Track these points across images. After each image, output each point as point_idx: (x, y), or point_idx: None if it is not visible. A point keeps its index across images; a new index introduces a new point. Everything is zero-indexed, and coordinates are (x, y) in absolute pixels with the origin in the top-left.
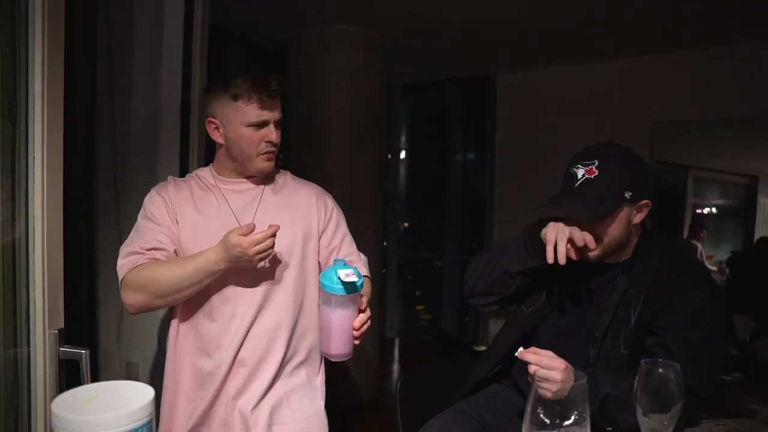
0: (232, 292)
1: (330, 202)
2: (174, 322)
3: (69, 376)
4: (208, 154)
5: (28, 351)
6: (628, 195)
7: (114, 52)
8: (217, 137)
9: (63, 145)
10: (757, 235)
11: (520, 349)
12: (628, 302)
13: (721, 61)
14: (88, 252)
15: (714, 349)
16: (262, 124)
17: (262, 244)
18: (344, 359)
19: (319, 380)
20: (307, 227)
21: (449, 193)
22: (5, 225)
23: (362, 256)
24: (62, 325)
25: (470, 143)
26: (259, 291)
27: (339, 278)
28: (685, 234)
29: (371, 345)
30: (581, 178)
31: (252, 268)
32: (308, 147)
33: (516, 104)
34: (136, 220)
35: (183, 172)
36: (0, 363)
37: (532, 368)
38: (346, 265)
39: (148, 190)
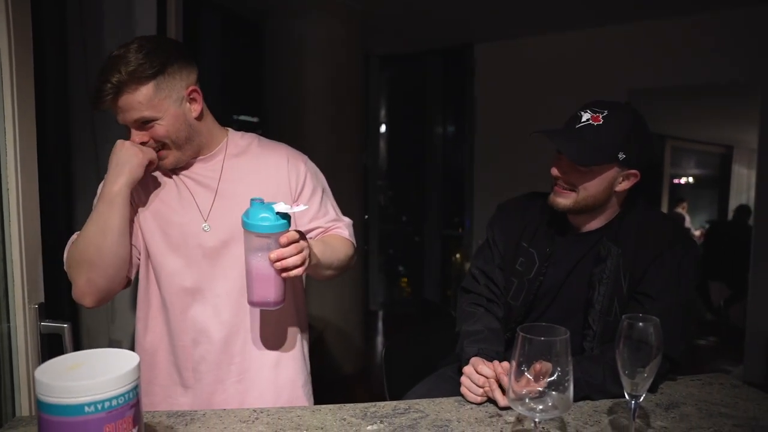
0: (197, 287)
1: (302, 165)
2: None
3: (52, 352)
4: None
5: (8, 326)
6: (621, 156)
7: (86, 24)
8: None
9: (37, 117)
10: (732, 203)
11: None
12: (617, 269)
13: (697, 29)
14: (68, 224)
15: (688, 310)
16: (127, 127)
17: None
18: (271, 308)
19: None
20: (279, 198)
21: (429, 166)
22: None
23: (346, 219)
24: (42, 300)
25: (449, 115)
26: (231, 277)
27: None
28: (665, 204)
29: (355, 318)
30: (584, 121)
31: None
32: (285, 119)
33: (494, 74)
34: None
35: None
36: None
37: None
38: (264, 203)
39: None
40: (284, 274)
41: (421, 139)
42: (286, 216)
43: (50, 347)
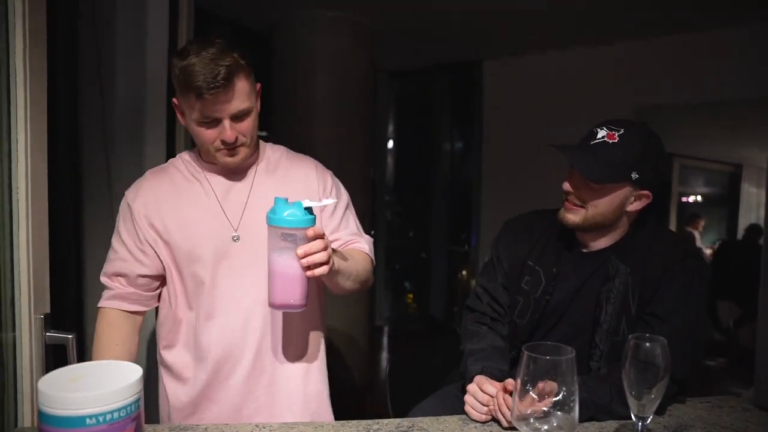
0: (227, 298)
1: (329, 178)
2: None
3: (57, 363)
4: None
5: (14, 336)
6: (634, 176)
7: (99, 38)
8: (180, 120)
9: (48, 127)
10: (741, 222)
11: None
12: (626, 288)
13: (705, 46)
14: (75, 235)
15: (698, 331)
16: (212, 122)
17: None
18: (294, 310)
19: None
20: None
21: (436, 182)
22: None
23: (366, 236)
24: (48, 310)
25: (457, 131)
26: (263, 286)
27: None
28: (673, 222)
29: (361, 332)
30: (600, 138)
31: (247, 264)
32: (293, 133)
33: (502, 90)
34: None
35: (170, 155)
36: None
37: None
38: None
39: (136, 172)
40: (309, 273)
41: (428, 155)
42: (311, 212)
43: (55, 358)
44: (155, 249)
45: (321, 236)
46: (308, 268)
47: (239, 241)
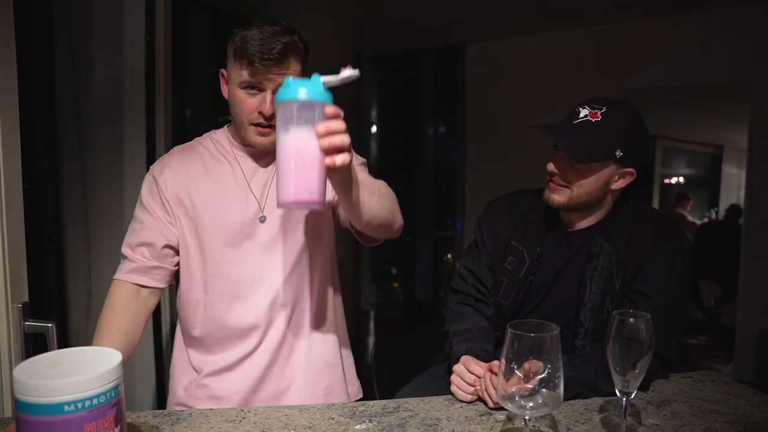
0: (255, 277)
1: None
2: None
3: (37, 352)
4: (176, 126)
5: None
6: (618, 154)
7: (73, 22)
8: (224, 91)
9: (21, 115)
10: (722, 203)
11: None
12: (610, 266)
13: (688, 30)
14: (54, 222)
15: (680, 309)
16: (255, 89)
17: None
18: (310, 207)
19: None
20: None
21: (421, 167)
22: None
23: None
24: (26, 299)
25: (441, 115)
26: (290, 264)
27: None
28: (656, 204)
29: (347, 318)
30: (582, 117)
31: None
32: None
33: (486, 73)
34: (102, 192)
35: (150, 144)
36: None
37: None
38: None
39: (113, 161)
40: (329, 160)
41: (412, 140)
42: (328, 89)
43: (36, 348)
44: (178, 224)
45: (341, 117)
46: (328, 152)
47: (265, 222)
